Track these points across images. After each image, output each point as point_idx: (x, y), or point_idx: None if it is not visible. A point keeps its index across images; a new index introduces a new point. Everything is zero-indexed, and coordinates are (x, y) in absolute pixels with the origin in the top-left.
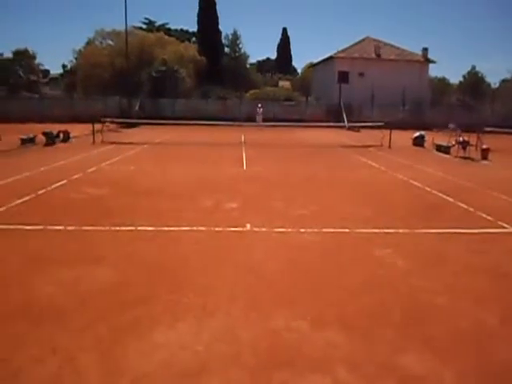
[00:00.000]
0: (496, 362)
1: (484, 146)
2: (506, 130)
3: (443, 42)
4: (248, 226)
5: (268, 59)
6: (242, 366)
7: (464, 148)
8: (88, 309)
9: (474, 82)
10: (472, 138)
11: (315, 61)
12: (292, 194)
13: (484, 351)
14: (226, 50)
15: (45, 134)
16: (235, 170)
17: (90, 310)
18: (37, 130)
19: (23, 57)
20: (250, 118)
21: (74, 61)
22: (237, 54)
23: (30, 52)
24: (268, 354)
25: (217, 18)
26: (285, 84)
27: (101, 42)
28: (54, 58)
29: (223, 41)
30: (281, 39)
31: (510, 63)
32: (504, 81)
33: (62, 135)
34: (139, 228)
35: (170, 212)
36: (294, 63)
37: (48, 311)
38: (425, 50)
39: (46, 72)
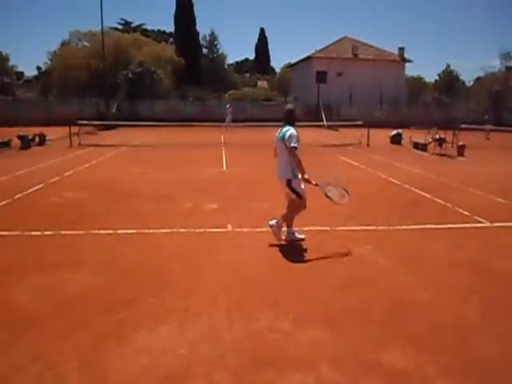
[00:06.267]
0: (479, 355)
1: (460, 143)
2: (481, 127)
3: (419, 42)
4: (229, 226)
5: (246, 60)
6: (225, 368)
7: (440, 145)
8: (68, 315)
9: (448, 81)
10: (448, 135)
11: (293, 61)
12: (272, 194)
13: (467, 345)
14: (204, 50)
15: (20, 137)
16: (215, 171)
17: (71, 315)
18: (11, 133)
19: None
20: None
21: (49, 62)
22: (215, 55)
23: (4, 54)
24: (252, 354)
25: (194, 18)
26: (263, 84)
27: (76, 44)
28: (29, 60)
29: (201, 42)
30: (258, 40)
31: (484, 62)
32: (478, 79)
33: (37, 138)
34: (119, 231)
35: (149, 214)
36: (273, 63)
37: (27, 318)
38: (401, 49)
39: (20, 74)
